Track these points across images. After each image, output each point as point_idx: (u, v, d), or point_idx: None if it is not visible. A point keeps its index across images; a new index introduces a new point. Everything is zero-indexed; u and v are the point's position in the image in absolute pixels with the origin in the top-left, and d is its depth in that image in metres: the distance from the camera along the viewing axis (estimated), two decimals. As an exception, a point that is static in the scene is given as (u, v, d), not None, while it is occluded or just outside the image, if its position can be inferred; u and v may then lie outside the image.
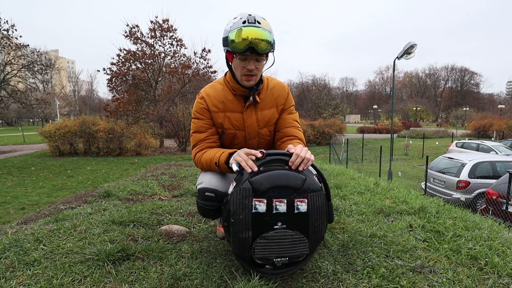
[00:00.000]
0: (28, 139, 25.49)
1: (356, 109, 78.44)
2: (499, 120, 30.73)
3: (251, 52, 1.46)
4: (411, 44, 10.55)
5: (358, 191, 3.06)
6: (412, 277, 1.45)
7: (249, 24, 1.44)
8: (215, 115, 1.64)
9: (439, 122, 59.10)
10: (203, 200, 1.53)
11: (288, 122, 1.74)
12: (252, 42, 1.43)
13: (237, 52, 1.47)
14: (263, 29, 1.45)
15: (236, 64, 1.54)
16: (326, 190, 1.45)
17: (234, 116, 1.65)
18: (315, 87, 50.20)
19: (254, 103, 1.66)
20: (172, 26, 18.72)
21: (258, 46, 1.44)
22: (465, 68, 69.76)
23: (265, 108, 1.69)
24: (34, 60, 18.94)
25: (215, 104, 1.63)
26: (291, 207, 1.33)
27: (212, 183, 1.55)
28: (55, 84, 55.12)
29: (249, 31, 1.43)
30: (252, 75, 1.54)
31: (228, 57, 1.58)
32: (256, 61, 1.52)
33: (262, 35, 1.44)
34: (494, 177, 7.56)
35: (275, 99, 1.71)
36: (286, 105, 1.75)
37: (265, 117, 1.69)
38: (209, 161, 1.57)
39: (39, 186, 9.34)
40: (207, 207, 1.53)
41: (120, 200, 2.83)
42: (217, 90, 1.66)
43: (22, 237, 1.83)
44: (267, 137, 1.75)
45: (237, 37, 1.43)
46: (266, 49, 1.47)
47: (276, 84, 1.74)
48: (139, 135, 15.97)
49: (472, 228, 2.04)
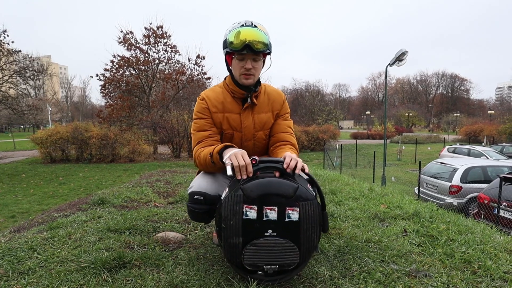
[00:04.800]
0: (18, 146, 25.11)
1: (349, 115, 79.15)
2: (489, 125, 31.31)
3: (248, 51, 1.54)
4: (403, 51, 10.75)
5: (353, 197, 3.08)
6: (407, 281, 1.47)
7: (246, 26, 1.57)
8: (215, 115, 1.69)
9: (431, 127, 59.90)
10: (193, 203, 1.58)
11: (282, 127, 1.79)
12: (249, 41, 1.52)
13: (235, 51, 1.56)
14: (259, 30, 1.57)
15: (235, 64, 1.62)
16: (321, 199, 1.45)
17: (232, 117, 1.70)
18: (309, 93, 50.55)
19: (252, 106, 1.72)
20: (166, 33, 18.79)
21: (254, 45, 1.53)
22: (455, 74, 71.09)
23: (261, 112, 1.75)
24: (26, 66, 18.77)
25: (215, 104, 1.69)
26: (282, 215, 1.32)
27: (201, 186, 1.60)
28: (47, 90, 54.61)
29: (246, 31, 1.54)
30: (250, 74, 1.61)
31: (228, 60, 1.67)
32: (253, 61, 1.60)
33: (258, 35, 1.55)
34: (485, 182, 7.68)
35: (271, 104, 1.77)
36: (282, 111, 1.81)
37: (262, 120, 1.75)
38: (206, 154, 1.58)
39: (30, 194, 9.19)
40: (196, 210, 1.57)
41: (115, 207, 2.81)
42: (217, 92, 1.73)
43: (15, 246, 1.80)
44: (263, 140, 1.79)
45: (235, 37, 1.54)
46: (262, 48, 1.56)
47: (272, 90, 1.82)
48: (132, 141, 15.86)
49: (465, 232, 2.08)
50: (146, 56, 18.80)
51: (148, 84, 19.31)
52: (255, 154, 1.75)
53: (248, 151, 1.71)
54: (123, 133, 16.19)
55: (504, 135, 27.29)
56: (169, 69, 19.81)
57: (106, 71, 18.67)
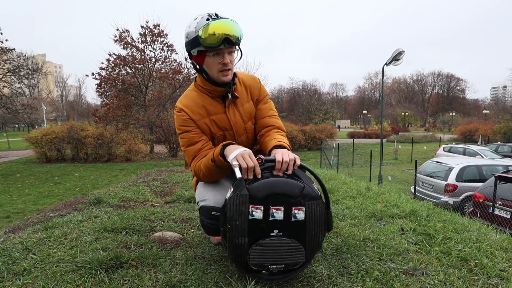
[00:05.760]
0: (13, 145, 24.86)
1: (346, 114, 79.35)
2: (484, 125, 31.59)
3: (225, 44, 1.43)
4: (400, 51, 10.80)
5: (350, 196, 3.09)
6: (405, 279, 1.47)
7: (214, 19, 1.43)
8: (200, 122, 1.59)
9: (427, 127, 60.21)
10: (210, 219, 1.51)
11: (264, 112, 1.72)
12: (227, 34, 1.41)
13: (212, 47, 1.43)
14: (231, 20, 1.45)
15: (210, 62, 1.50)
16: (325, 198, 1.44)
17: (219, 118, 1.62)
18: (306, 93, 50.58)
19: (233, 100, 1.63)
20: (163, 31, 18.67)
21: (231, 38, 1.42)
22: (451, 74, 71.53)
23: (244, 103, 1.67)
24: (20, 65, 18.54)
25: (196, 111, 1.58)
26: (288, 215, 1.32)
27: (217, 200, 1.52)
28: (42, 89, 54.07)
29: (219, 24, 1.41)
30: (228, 69, 1.52)
31: (199, 60, 1.53)
32: (229, 54, 1.50)
33: (232, 26, 1.44)
34: (480, 181, 7.74)
35: (249, 92, 1.70)
36: (261, 95, 1.74)
37: (247, 111, 1.68)
38: (206, 163, 1.52)
39: (25, 194, 9.11)
40: (214, 227, 1.50)
41: (112, 207, 2.79)
42: (193, 98, 1.61)
43: (10, 246, 1.78)
44: (253, 131, 1.73)
45: (210, 32, 1.40)
46: (238, 38, 1.46)
47: (246, 77, 1.73)
48: (129, 140, 15.76)
49: (461, 231, 2.09)
50: (143, 55, 18.68)
51: (145, 83, 19.21)
52: (250, 145, 1.72)
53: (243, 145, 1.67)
54: (119, 132, 16.10)
55: (499, 134, 27.53)
56: (165, 68, 19.69)
57: (102, 69, 18.53)
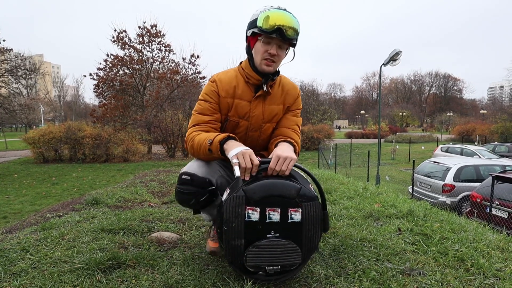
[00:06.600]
0: (10, 146, 24.76)
1: (344, 115, 79.51)
2: (482, 125, 31.73)
3: (277, 35, 1.45)
4: (397, 51, 10.82)
5: (348, 196, 3.10)
6: (402, 279, 1.48)
7: (280, 9, 1.47)
8: (223, 100, 1.59)
9: (424, 127, 60.42)
10: (180, 183, 1.52)
11: (289, 122, 1.69)
12: (281, 25, 1.43)
13: (265, 32, 1.46)
14: (293, 16, 1.48)
15: (258, 47, 1.52)
16: (322, 198, 1.45)
17: (242, 104, 1.60)
18: (303, 93, 50.66)
19: (264, 95, 1.62)
20: (160, 32, 18.63)
21: (285, 30, 1.45)
22: (448, 74, 71.83)
23: (273, 103, 1.65)
24: (18, 65, 18.47)
25: (226, 89, 1.59)
26: (284, 216, 1.32)
27: (190, 167, 1.54)
28: (40, 89, 53.84)
29: (279, 14, 1.45)
30: (272, 61, 1.53)
31: (251, 42, 1.57)
32: (279, 48, 1.52)
33: (291, 20, 1.46)
34: (477, 181, 7.78)
35: (284, 96, 1.68)
36: (294, 106, 1.72)
37: (272, 112, 1.65)
38: (202, 140, 1.50)
39: (22, 194, 9.07)
40: (182, 191, 1.50)
41: (109, 207, 2.79)
42: (230, 76, 1.63)
43: (7, 247, 1.78)
44: (269, 133, 1.70)
45: (267, 18, 1.44)
46: (292, 35, 1.48)
47: (288, 83, 1.73)
48: (126, 141, 15.73)
49: (458, 231, 2.10)
50: (140, 55, 18.64)
51: (142, 83, 19.16)
52: (259, 145, 1.71)
53: (252, 141, 1.65)
54: (117, 132, 16.04)
55: (496, 134, 27.68)
56: (163, 68, 19.65)
57: (100, 70, 18.46)
